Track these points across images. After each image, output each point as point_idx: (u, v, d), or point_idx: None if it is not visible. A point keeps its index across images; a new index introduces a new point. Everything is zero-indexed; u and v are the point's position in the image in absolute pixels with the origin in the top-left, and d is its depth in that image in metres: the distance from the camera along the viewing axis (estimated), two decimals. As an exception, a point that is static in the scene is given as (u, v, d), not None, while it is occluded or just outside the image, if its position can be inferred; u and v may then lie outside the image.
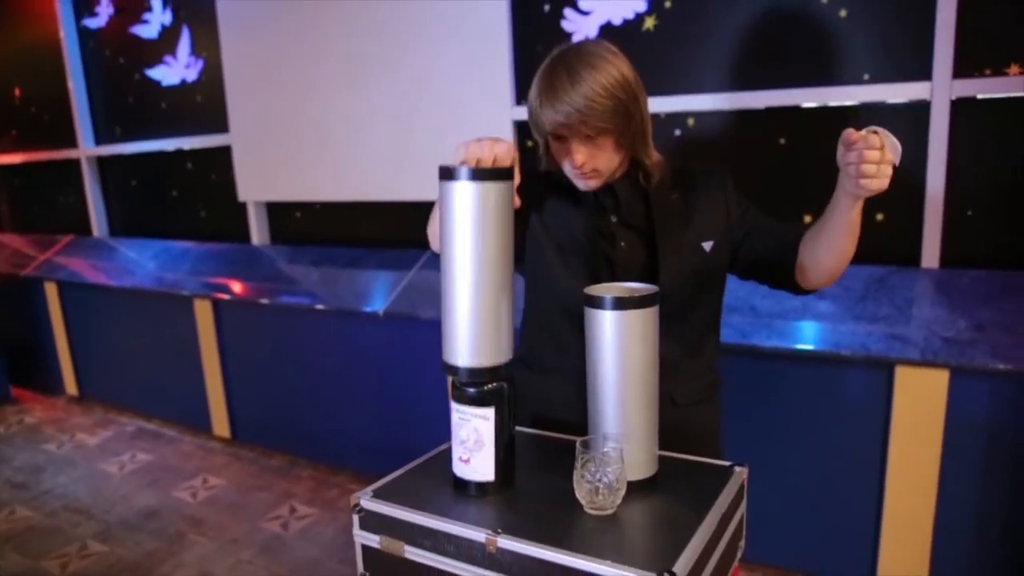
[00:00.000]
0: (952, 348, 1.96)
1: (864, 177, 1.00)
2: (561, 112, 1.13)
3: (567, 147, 1.19)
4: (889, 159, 0.99)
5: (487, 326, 0.95)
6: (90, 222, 4.39)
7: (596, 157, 1.19)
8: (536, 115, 1.20)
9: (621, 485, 0.92)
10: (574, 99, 1.12)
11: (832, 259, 1.21)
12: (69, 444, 3.72)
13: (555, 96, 1.14)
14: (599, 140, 1.17)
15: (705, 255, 1.29)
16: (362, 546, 0.99)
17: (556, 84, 1.14)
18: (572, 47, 1.20)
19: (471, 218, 0.93)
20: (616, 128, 1.16)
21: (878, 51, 2.19)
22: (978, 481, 1.99)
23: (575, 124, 1.14)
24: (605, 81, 1.13)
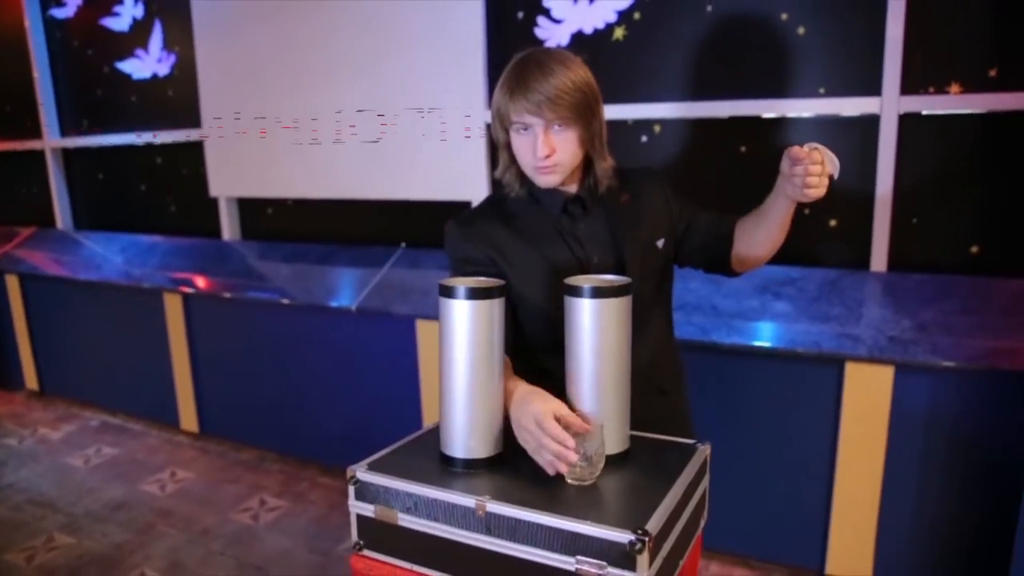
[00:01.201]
0: (897, 346, 2.10)
1: (808, 188, 1.13)
2: (532, 100, 1.18)
3: (531, 140, 1.23)
4: (828, 171, 1.14)
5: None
6: (54, 214, 4.34)
7: (560, 150, 1.23)
8: (504, 109, 1.24)
9: (600, 459, 1.01)
10: (545, 88, 1.18)
11: (767, 249, 1.36)
12: (31, 439, 3.68)
13: (527, 86, 1.19)
14: (564, 133, 1.23)
15: (659, 252, 1.38)
16: (357, 516, 1.06)
17: (528, 76, 1.20)
18: (539, 49, 1.28)
19: (468, 330, 1.04)
20: (580, 122, 1.23)
21: (833, 67, 2.33)
22: (919, 468, 2.14)
23: (544, 112, 1.19)
24: (574, 76, 1.22)
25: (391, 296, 2.90)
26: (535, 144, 1.22)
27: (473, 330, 1.04)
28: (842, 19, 2.28)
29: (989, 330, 2.06)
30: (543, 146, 1.22)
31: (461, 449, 1.06)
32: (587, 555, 0.89)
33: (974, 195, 2.22)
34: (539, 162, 1.24)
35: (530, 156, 1.25)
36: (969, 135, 2.20)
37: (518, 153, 1.28)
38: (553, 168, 1.26)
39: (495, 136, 1.33)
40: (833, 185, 2.06)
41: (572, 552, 0.90)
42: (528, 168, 1.28)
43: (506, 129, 1.27)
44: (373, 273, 3.04)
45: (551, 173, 1.27)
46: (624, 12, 2.57)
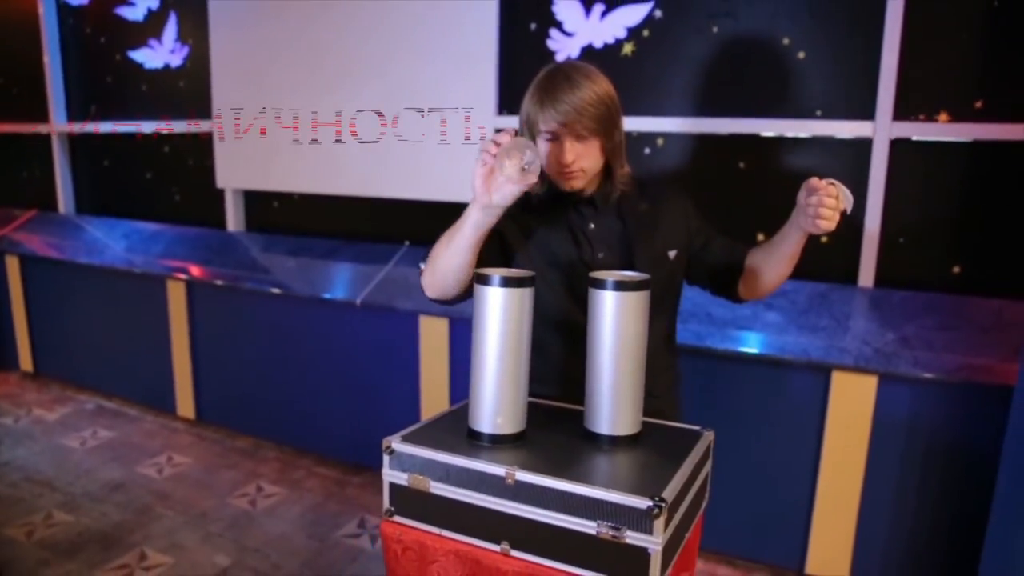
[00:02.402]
0: (881, 357, 2.21)
1: (820, 219, 1.23)
2: (560, 111, 1.29)
3: (559, 147, 1.33)
4: (842, 207, 1.24)
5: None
6: (56, 198, 4.38)
7: (584, 157, 1.34)
8: (533, 118, 1.34)
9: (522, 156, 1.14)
10: (572, 100, 1.29)
11: (774, 280, 1.45)
12: (26, 419, 3.71)
13: (556, 98, 1.30)
14: (588, 142, 1.33)
15: (670, 263, 1.47)
16: (390, 484, 1.15)
17: (557, 88, 1.31)
18: (567, 62, 1.39)
19: (499, 315, 1.14)
20: (604, 133, 1.34)
21: (830, 91, 2.46)
22: (897, 474, 2.25)
23: (572, 123, 1.30)
24: (598, 90, 1.32)
25: (395, 292, 2.98)
26: (561, 151, 1.33)
27: (504, 316, 1.14)
28: (841, 46, 2.41)
29: (967, 346, 2.18)
30: (569, 154, 1.32)
31: (489, 425, 1.15)
32: (607, 519, 0.99)
33: (957, 218, 2.35)
34: (564, 168, 1.35)
35: (556, 162, 1.35)
36: (955, 162, 2.33)
37: (545, 158, 1.37)
38: (577, 174, 1.36)
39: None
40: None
41: (594, 517, 1.00)
42: (553, 172, 1.39)
43: (534, 136, 1.37)
44: (377, 269, 3.13)
45: (575, 178, 1.37)
46: (634, 29, 2.69)
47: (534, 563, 1.05)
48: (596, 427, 1.18)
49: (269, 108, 3.41)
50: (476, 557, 1.08)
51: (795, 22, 2.46)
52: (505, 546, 1.06)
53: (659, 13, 2.65)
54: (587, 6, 2.74)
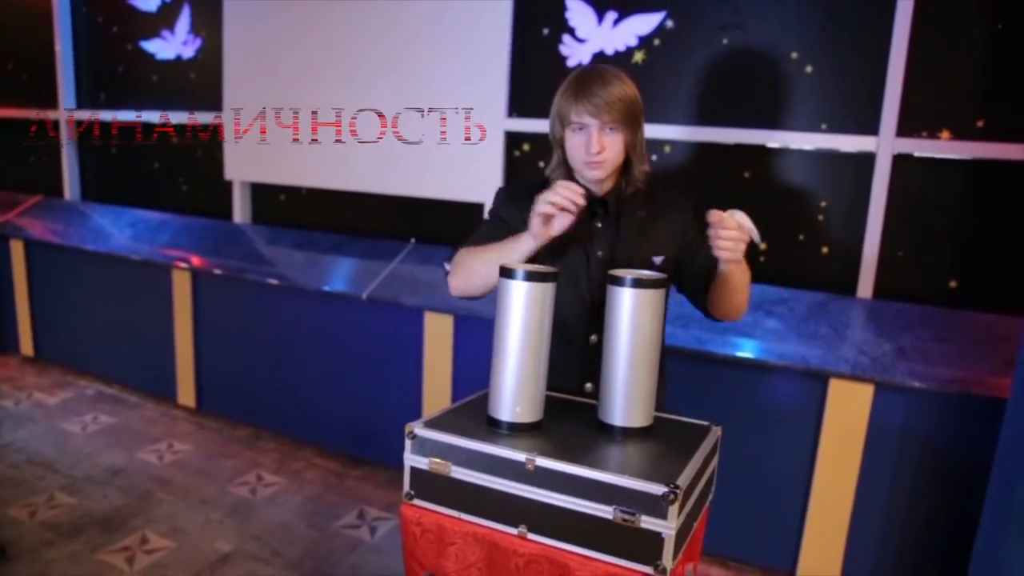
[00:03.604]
0: (877, 366, 2.27)
1: (720, 251, 1.29)
2: (593, 104, 1.40)
3: (587, 137, 1.43)
4: (744, 238, 1.29)
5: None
6: (62, 184, 4.40)
7: (608, 149, 1.43)
8: (565, 111, 1.45)
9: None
10: (604, 95, 1.40)
11: (728, 309, 1.52)
12: (27, 402, 3.73)
13: (590, 91, 1.41)
14: (613, 136, 1.43)
15: (654, 267, 1.51)
16: (411, 468, 1.19)
17: (591, 83, 1.42)
18: (599, 64, 1.53)
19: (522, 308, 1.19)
20: (628, 128, 1.45)
21: (835, 106, 2.52)
22: (890, 481, 2.31)
23: (601, 115, 1.41)
24: (627, 90, 1.44)
25: (401, 288, 3.02)
26: (589, 141, 1.43)
27: (527, 309, 1.18)
28: (847, 62, 2.47)
29: (962, 358, 2.24)
30: (596, 143, 1.42)
31: (508, 414, 1.20)
32: (623, 504, 1.03)
33: (955, 234, 2.41)
34: (590, 157, 1.44)
35: (583, 152, 1.45)
36: (955, 179, 2.39)
37: (572, 149, 1.47)
38: (601, 164, 1.46)
39: (552, 134, 1.53)
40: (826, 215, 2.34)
41: (610, 502, 1.04)
42: (578, 163, 1.48)
43: (564, 128, 1.47)
44: (383, 265, 3.17)
45: (598, 168, 1.46)
46: (645, 38, 2.75)
47: (550, 546, 1.09)
48: (610, 419, 1.22)
49: (279, 102, 3.45)
50: (494, 540, 1.12)
51: (804, 37, 2.52)
52: (523, 529, 1.11)
53: (671, 23, 2.70)
54: (600, 13, 2.80)
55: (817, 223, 2.59)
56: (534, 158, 3.01)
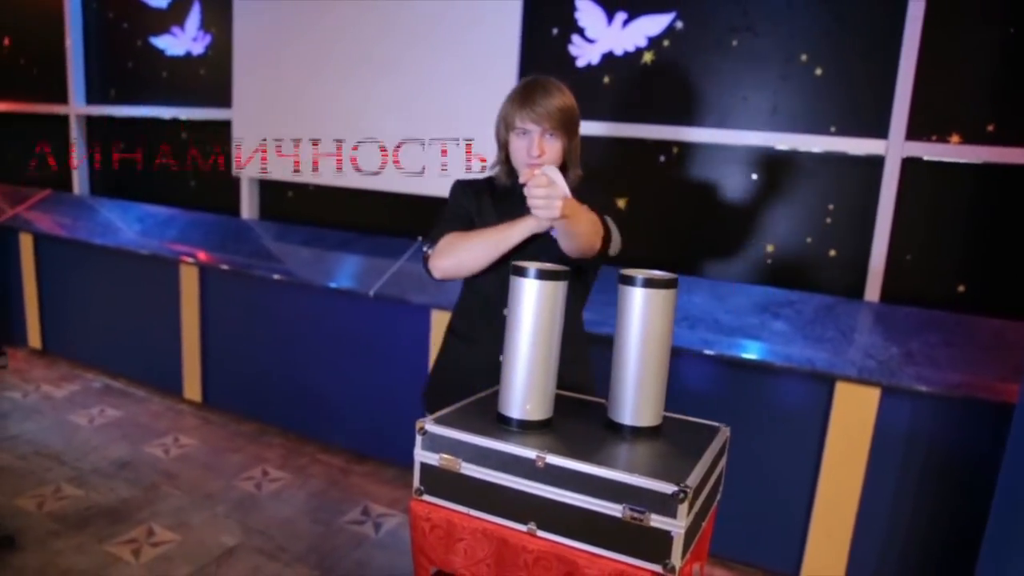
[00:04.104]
0: (884, 370, 2.27)
1: (535, 208, 1.30)
2: (535, 112, 1.56)
3: (530, 141, 1.57)
4: (557, 193, 1.29)
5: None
6: (71, 179, 4.42)
7: (548, 153, 1.59)
8: (510, 117, 1.60)
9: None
10: (546, 104, 1.56)
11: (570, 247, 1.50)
12: (35, 394, 3.75)
13: (533, 101, 1.57)
14: (552, 141, 1.59)
15: (555, 245, 1.55)
16: (421, 464, 1.19)
17: (535, 93, 1.58)
18: (542, 77, 1.65)
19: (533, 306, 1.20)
20: (566, 135, 1.61)
21: (845, 109, 2.52)
22: (896, 484, 2.31)
23: (543, 122, 1.56)
24: (567, 101, 1.61)
25: (408, 285, 3.03)
26: (531, 145, 1.58)
27: (538, 307, 1.19)
28: (857, 65, 2.47)
29: (969, 363, 2.24)
30: (536, 147, 1.58)
31: (518, 411, 1.21)
32: (633, 503, 1.04)
33: (964, 238, 2.41)
34: (531, 159, 1.58)
35: (524, 154, 1.60)
36: (964, 183, 2.39)
37: (515, 152, 1.62)
38: (540, 166, 1.56)
39: (498, 136, 1.69)
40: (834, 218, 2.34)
41: (620, 500, 1.05)
42: (520, 164, 1.62)
43: (508, 131, 1.63)
44: (390, 262, 3.17)
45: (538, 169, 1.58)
46: (655, 38, 2.75)
47: (559, 543, 1.10)
48: (619, 417, 1.23)
49: (288, 100, 3.46)
50: (503, 536, 1.13)
51: (814, 39, 2.52)
52: (532, 526, 1.11)
53: (680, 24, 2.71)
54: (610, 14, 2.80)
55: (824, 226, 2.59)
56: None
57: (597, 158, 2.92)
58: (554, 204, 1.28)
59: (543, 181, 1.28)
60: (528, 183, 1.30)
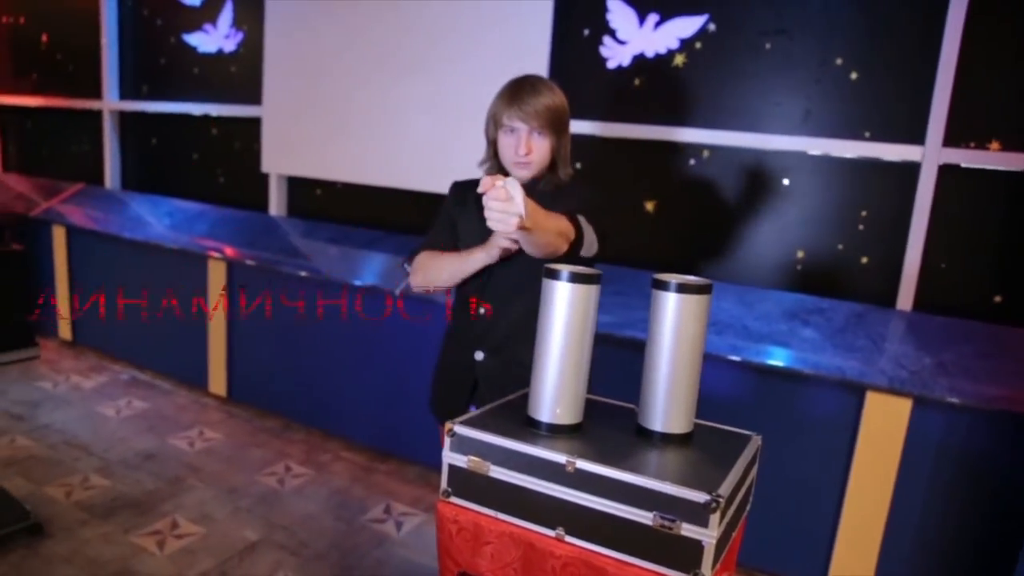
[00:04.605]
0: (916, 380, 2.23)
1: (489, 221, 1.22)
2: (524, 110, 1.57)
3: (517, 139, 1.59)
4: (513, 210, 1.20)
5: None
6: (103, 173, 4.48)
7: (535, 151, 1.61)
8: (499, 115, 1.61)
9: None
10: (535, 103, 1.58)
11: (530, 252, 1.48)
12: (64, 385, 3.81)
13: (522, 99, 1.58)
14: (540, 140, 1.60)
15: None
16: (449, 466, 1.19)
17: (523, 92, 1.60)
18: (531, 75, 1.67)
19: (566, 310, 1.18)
20: (554, 134, 1.62)
21: (880, 113, 2.47)
22: (926, 497, 2.27)
23: (531, 120, 1.58)
24: (556, 99, 1.62)
25: (433, 285, 3.02)
26: (518, 144, 1.60)
27: (570, 311, 1.18)
28: (894, 69, 2.43)
29: (1005, 375, 2.19)
30: (524, 146, 1.59)
31: (548, 415, 1.19)
32: (664, 511, 1.02)
33: (1001, 247, 2.36)
34: (519, 158, 1.61)
35: (512, 152, 1.61)
36: (1003, 191, 2.34)
37: (503, 149, 1.64)
38: (528, 164, 1.63)
39: (487, 133, 1.70)
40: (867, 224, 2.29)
41: (650, 508, 1.03)
42: (508, 162, 1.64)
43: (497, 129, 1.64)
44: (416, 261, 3.17)
45: (525, 168, 1.64)
46: (687, 40, 2.72)
47: (587, 549, 1.08)
48: (650, 424, 1.21)
49: (319, 97, 3.48)
50: (530, 540, 1.12)
51: (850, 43, 2.48)
52: (560, 531, 1.10)
53: (713, 26, 2.68)
54: (642, 15, 2.78)
55: (857, 232, 2.55)
56: (571, 158, 3.00)
57: (627, 160, 2.90)
58: (509, 221, 1.20)
59: (502, 195, 1.19)
60: (486, 195, 1.21)
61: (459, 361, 1.76)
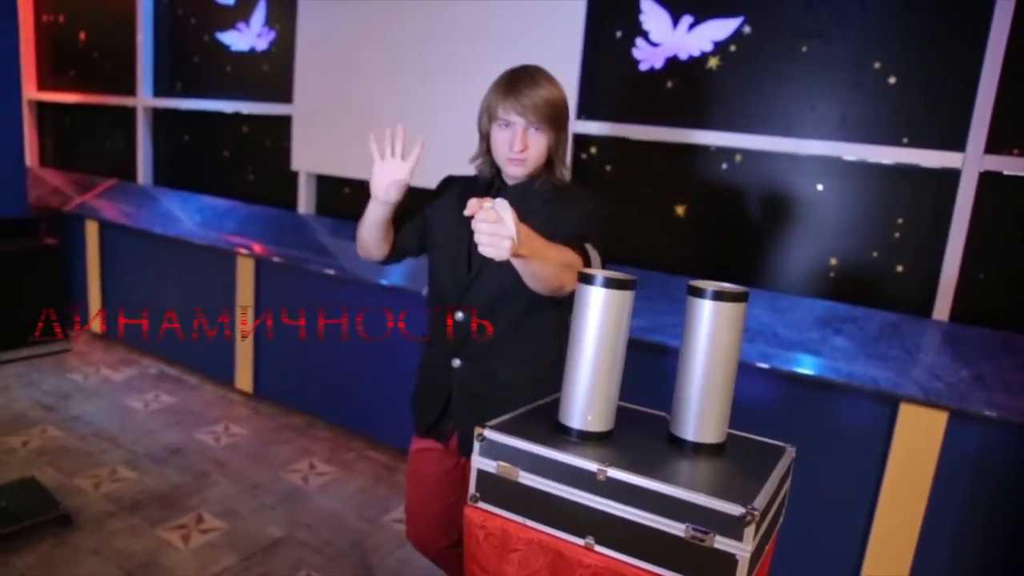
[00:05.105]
0: (953, 393, 2.17)
1: (479, 245, 1.14)
2: (520, 103, 1.46)
3: (512, 134, 1.49)
4: (504, 232, 1.13)
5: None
6: (136, 169, 4.55)
7: (531, 147, 1.50)
8: (494, 107, 1.51)
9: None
10: (532, 96, 1.47)
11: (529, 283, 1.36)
12: (95, 377, 3.86)
13: (519, 91, 1.47)
14: (537, 135, 1.49)
15: None
16: (478, 471, 1.18)
17: (521, 83, 1.49)
18: (529, 65, 1.56)
19: (599, 316, 1.16)
20: (552, 129, 1.51)
21: (919, 119, 2.42)
22: (960, 515, 2.21)
23: (527, 114, 1.47)
24: (556, 92, 1.51)
25: (460, 285, 3.02)
26: (513, 139, 1.49)
27: (604, 316, 1.16)
28: (935, 74, 2.37)
29: (1046, 389, 2.13)
30: (519, 141, 1.49)
31: (579, 421, 1.18)
32: (697, 522, 1.00)
33: (1044, 258, 2.29)
34: (513, 154, 1.50)
35: (506, 148, 1.51)
36: (1047, 200, 2.28)
37: (496, 144, 1.54)
38: (522, 161, 1.52)
39: (480, 127, 1.60)
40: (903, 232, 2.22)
41: (683, 519, 1.01)
42: (501, 158, 1.54)
43: (491, 122, 1.54)
44: (443, 262, 3.17)
45: (520, 165, 1.53)
46: (721, 43, 2.69)
47: (617, 559, 1.07)
48: (682, 432, 1.19)
49: (349, 97, 3.49)
50: (559, 549, 1.10)
51: (889, 46, 2.43)
52: (590, 540, 1.08)
53: (748, 29, 2.64)
54: (675, 17, 2.75)
55: (892, 240, 2.50)
56: (601, 161, 2.98)
57: (658, 164, 2.87)
58: (501, 244, 1.13)
59: (491, 216, 1.12)
60: (475, 217, 1.13)
61: (437, 366, 1.70)
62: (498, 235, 1.13)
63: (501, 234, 1.13)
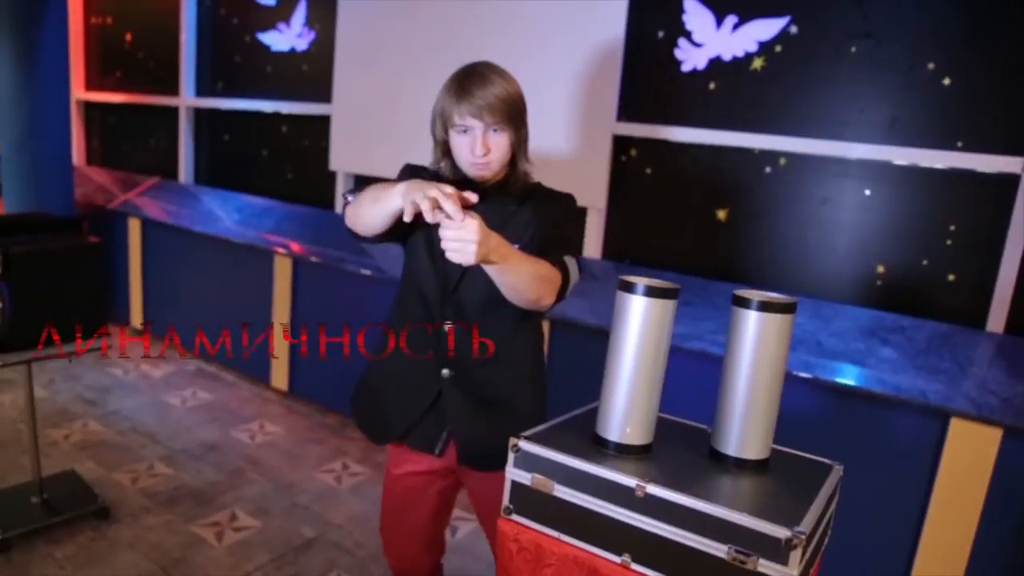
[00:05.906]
0: (1009, 409, 2.08)
1: (448, 251, 1.15)
2: (475, 105, 1.40)
3: (471, 140, 1.43)
4: (472, 237, 1.13)
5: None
6: (178, 168, 4.62)
7: (494, 150, 1.44)
8: (448, 112, 1.44)
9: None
10: (486, 96, 1.40)
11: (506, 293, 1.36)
12: (134, 372, 3.93)
13: (470, 93, 1.41)
14: (498, 136, 1.44)
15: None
16: (512, 482, 1.15)
17: (471, 84, 1.42)
18: (479, 63, 1.50)
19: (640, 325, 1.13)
20: (512, 127, 1.45)
21: (975, 122, 2.32)
22: (1014, 537, 2.11)
23: (484, 116, 1.40)
24: (510, 88, 1.46)
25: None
26: (474, 144, 1.43)
27: (644, 326, 1.12)
28: (992, 75, 2.28)
29: (1108, 407, 2.02)
30: (481, 146, 1.43)
31: (617, 434, 1.14)
32: (740, 544, 0.96)
33: (1108, 269, 2.18)
34: (476, 159, 1.44)
35: (468, 154, 1.45)
36: (1112, 208, 2.16)
37: (457, 151, 1.48)
38: (487, 165, 1.46)
39: (434, 134, 1.54)
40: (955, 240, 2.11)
41: (725, 540, 0.97)
42: (465, 164, 1.48)
43: (446, 129, 1.47)
44: (478, 264, 3.15)
45: (485, 169, 1.47)
46: (766, 43, 2.62)
47: (655, 579, 1.03)
48: (724, 448, 1.15)
49: (388, 97, 3.49)
50: (595, 566, 1.07)
51: (943, 46, 2.34)
52: (626, 558, 1.05)
53: (795, 29, 2.56)
54: (719, 17, 2.69)
55: (944, 248, 2.40)
56: (641, 163, 2.93)
57: (699, 167, 2.81)
58: (467, 250, 1.14)
59: (452, 224, 1.15)
60: (442, 227, 1.14)
61: (413, 374, 1.61)
62: (463, 240, 1.13)
63: (466, 239, 1.13)
